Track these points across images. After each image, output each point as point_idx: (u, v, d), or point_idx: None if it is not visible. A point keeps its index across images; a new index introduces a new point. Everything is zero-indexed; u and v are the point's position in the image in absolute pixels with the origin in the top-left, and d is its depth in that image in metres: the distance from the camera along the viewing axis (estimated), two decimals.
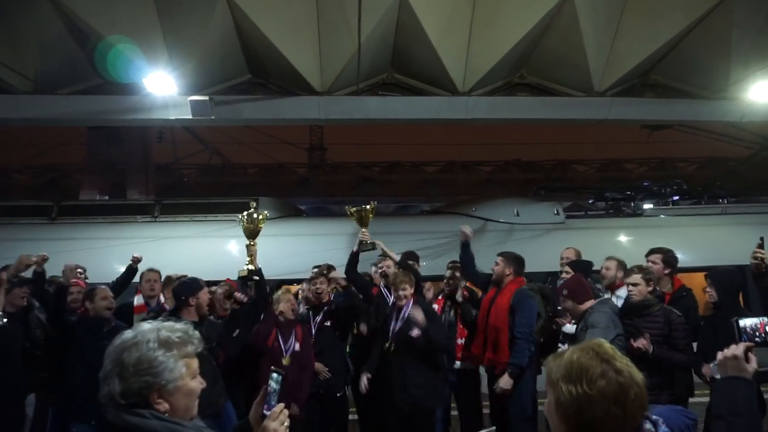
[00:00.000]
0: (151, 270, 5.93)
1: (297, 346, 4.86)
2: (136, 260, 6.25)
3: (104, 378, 1.68)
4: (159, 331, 1.72)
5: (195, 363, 1.77)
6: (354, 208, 5.70)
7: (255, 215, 5.36)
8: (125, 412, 1.64)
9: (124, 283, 5.95)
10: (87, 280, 6.51)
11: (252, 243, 5.29)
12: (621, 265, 5.29)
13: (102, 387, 1.68)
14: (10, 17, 7.21)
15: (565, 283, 4.68)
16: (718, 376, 1.91)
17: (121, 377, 1.65)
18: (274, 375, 1.89)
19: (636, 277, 4.40)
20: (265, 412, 1.85)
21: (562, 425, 1.54)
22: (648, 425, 1.53)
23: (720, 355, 1.90)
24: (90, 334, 4.55)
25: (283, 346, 4.78)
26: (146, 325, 1.76)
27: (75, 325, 4.82)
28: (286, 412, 1.81)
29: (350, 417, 5.67)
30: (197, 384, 1.77)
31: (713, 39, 7.87)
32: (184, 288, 4.42)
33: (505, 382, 4.67)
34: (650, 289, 4.38)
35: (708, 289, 4.49)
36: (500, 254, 5.23)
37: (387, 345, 4.77)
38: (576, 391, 1.49)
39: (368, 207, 5.66)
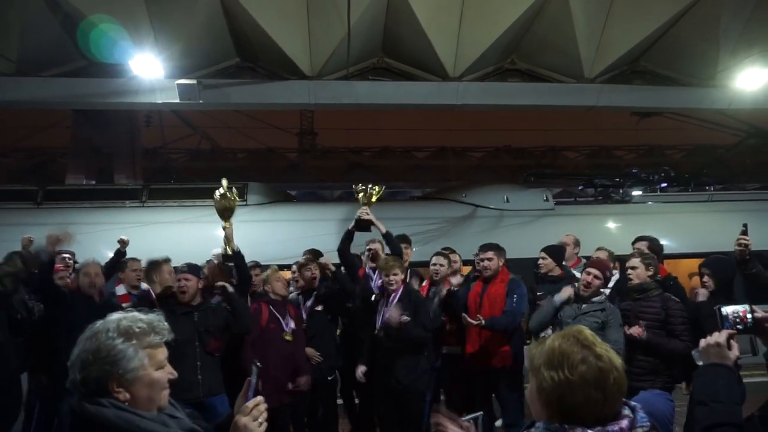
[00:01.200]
0: (134, 259, 5.83)
1: (292, 324, 4.90)
2: (124, 243, 6.22)
3: (70, 366, 1.69)
4: (120, 321, 1.72)
5: (160, 354, 1.75)
6: (361, 186, 5.48)
7: (227, 193, 5.08)
8: (85, 399, 1.65)
9: (112, 268, 5.91)
10: (77, 265, 6.48)
11: (227, 225, 5.03)
12: (611, 256, 5.37)
13: (69, 374, 1.70)
14: None
15: (598, 261, 4.58)
16: (700, 363, 1.94)
17: (82, 366, 1.67)
18: (253, 368, 1.87)
19: (635, 261, 4.40)
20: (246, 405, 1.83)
21: (544, 410, 1.56)
22: (626, 410, 1.56)
23: (702, 342, 1.93)
24: (81, 308, 4.59)
25: (283, 324, 4.82)
26: (113, 315, 1.76)
27: (68, 298, 4.82)
28: (261, 407, 1.76)
29: (338, 401, 5.71)
30: (162, 375, 1.74)
31: (702, 27, 7.90)
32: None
33: (476, 321, 4.67)
34: (650, 273, 4.36)
35: (704, 278, 4.50)
36: (490, 248, 5.08)
37: (376, 331, 4.78)
38: (558, 377, 1.52)
39: (376, 188, 5.47)
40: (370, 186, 5.48)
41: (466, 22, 7.64)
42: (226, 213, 5.05)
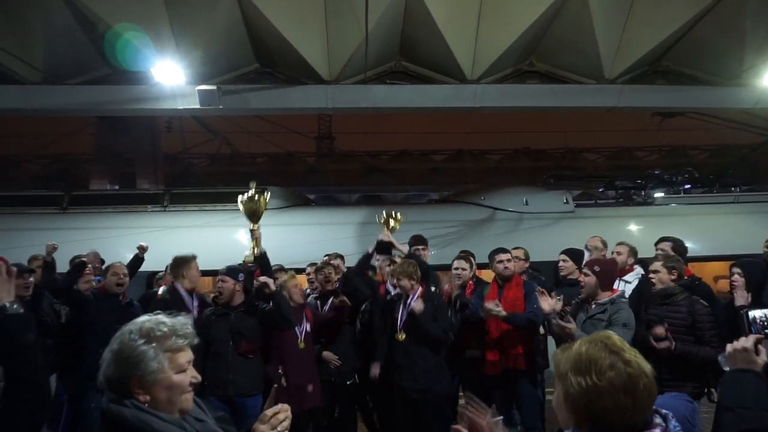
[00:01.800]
0: (116, 264, 5.80)
1: (308, 327, 4.93)
2: (143, 249, 6.31)
3: (101, 365, 1.74)
4: (144, 323, 1.75)
5: (181, 357, 1.75)
6: (384, 216, 5.47)
7: (256, 196, 5.17)
8: (110, 399, 1.69)
9: (130, 273, 6.00)
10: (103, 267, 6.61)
11: (255, 227, 5.12)
12: (632, 251, 5.26)
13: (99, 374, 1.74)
14: (18, 7, 7.23)
15: (600, 260, 4.50)
16: (727, 368, 1.90)
17: (107, 365, 1.71)
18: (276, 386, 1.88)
19: (657, 265, 4.23)
20: None
21: (572, 417, 1.53)
22: (658, 419, 1.52)
23: (729, 347, 1.88)
24: (104, 310, 4.81)
25: (297, 330, 4.83)
26: (140, 318, 1.79)
27: (92, 301, 5.01)
28: (281, 416, 1.76)
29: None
30: (182, 378, 1.74)
31: (726, 25, 7.74)
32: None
33: (499, 311, 4.59)
34: (673, 277, 4.18)
35: (734, 278, 4.38)
36: (508, 251, 5.08)
37: (397, 335, 4.76)
38: (585, 383, 1.49)
39: (398, 216, 5.49)
40: (394, 213, 5.50)
41: (484, 23, 7.60)
42: (254, 216, 5.11)
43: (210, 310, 4.64)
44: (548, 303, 4.09)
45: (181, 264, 4.91)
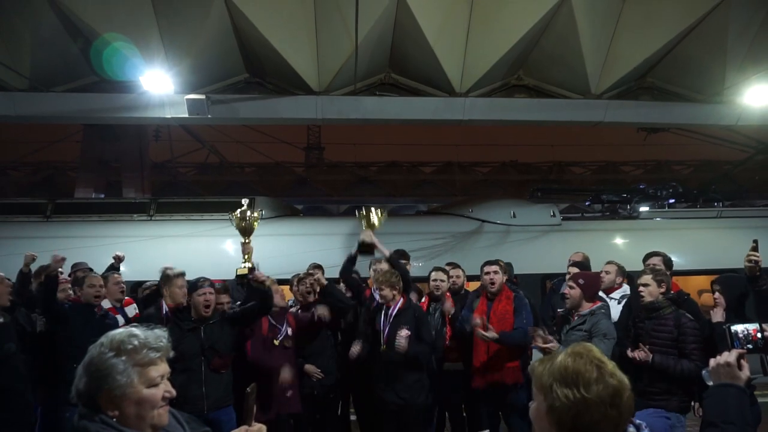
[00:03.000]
0: (115, 273, 5.94)
1: (290, 331, 4.94)
2: (119, 259, 6.23)
3: (74, 378, 1.71)
4: (115, 336, 1.71)
5: (152, 371, 1.70)
6: (364, 211, 5.38)
7: (248, 212, 5.17)
8: (81, 413, 1.66)
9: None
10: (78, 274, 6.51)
11: (247, 241, 5.12)
12: (621, 270, 5.32)
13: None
14: (6, 14, 7.18)
15: (584, 273, 4.53)
16: (710, 383, 1.91)
17: (79, 378, 1.68)
18: (248, 390, 1.86)
19: (646, 278, 4.24)
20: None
21: (554, 429, 1.53)
22: (631, 428, 1.54)
23: (713, 362, 1.89)
24: (80, 321, 4.76)
25: (280, 329, 4.90)
26: (114, 330, 1.76)
27: (68, 312, 4.93)
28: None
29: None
30: (153, 393, 1.69)
31: (709, 43, 7.90)
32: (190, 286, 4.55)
33: (490, 335, 4.61)
34: (662, 290, 4.20)
35: (716, 296, 4.43)
36: (495, 263, 5.05)
37: (381, 347, 4.75)
38: (573, 396, 1.49)
39: (379, 212, 5.39)
40: (373, 209, 5.41)
41: (473, 38, 7.69)
42: (246, 232, 5.11)
43: (176, 323, 4.40)
44: (543, 339, 4.05)
45: (164, 282, 4.90)
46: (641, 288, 4.24)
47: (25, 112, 8.05)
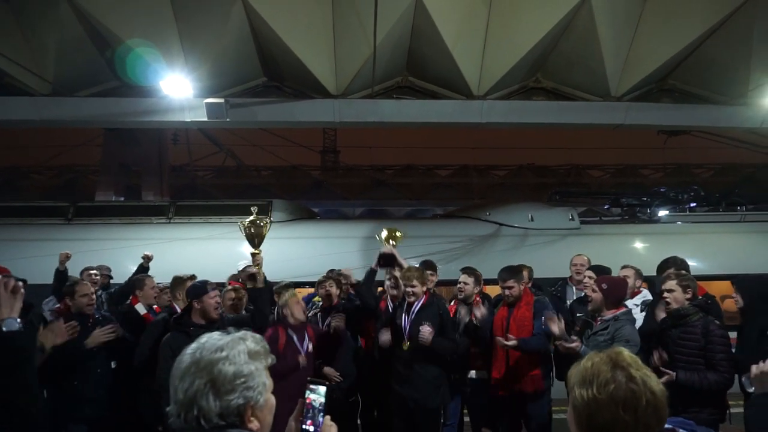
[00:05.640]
0: (149, 276, 5.71)
1: (310, 347, 4.84)
2: (147, 258, 6.28)
3: (190, 398, 1.46)
4: (244, 342, 1.55)
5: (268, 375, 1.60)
6: (384, 233, 5.47)
7: (258, 221, 4.97)
8: None
9: (134, 285, 5.94)
10: (112, 280, 6.59)
11: (257, 252, 4.94)
12: (638, 273, 5.22)
13: (185, 409, 1.46)
14: (30, 20, 7.32)
15: (608, 278, 4.41)
16: (751, 390, 1.82)
17: (216, 395, 1.46)
18: (314, 387, 1.75)
19: (671, 284, 4.06)
20: (306, 427, 1.72)
21: (576, 430, 1.52)
22: None
23: (755, 369, 1.80)
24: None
25: (300, 346, 4.73)
26: (220, 336, 1.57)
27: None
28: (334, 428, 1.68)
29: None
30: (273, 398, 1.60)
31: (733, 44, 7.76)
32: (191, 291, 4.42)
33: (510, 343, 4.55)
34: (688, 296, 4.01)
35: (734, 295, 4.31)
36: (509, 277, 4.91)
37: (404, 344, 4.71)
38: (587, 395, 1.47)
39: (398, 233, 5.49)
40: (393, 233, 5.49)
41: (491, 40, 7.65)
42: (255, 240, 5.03)
43: (181, 329, 4.30)
44: (558, 327, 4.03)
45: (176, 284, 5.00)
46: (666, 294, 4.08)
47: (49, 116, 8.20)
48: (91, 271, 5.94)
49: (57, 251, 6.25)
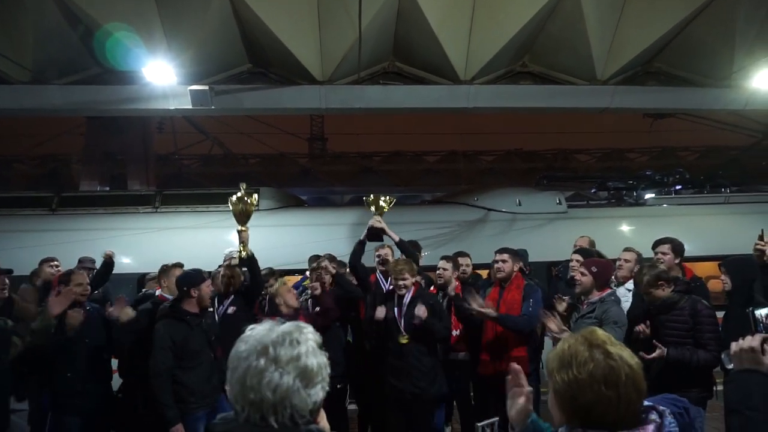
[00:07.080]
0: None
1: None
2: (108, 256, 5.97)
3: (282, 396, 1.37)
4: (306, 332, 1.48)
5: None
6: (372, 197, 5.47)
7: (245, 197, 5.11)
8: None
9: (101, 280, 5.86)
10: (95, 271, 6.49)
11: (243, 228, 5.03)
12: (640, 258, 5.15)
13: (273, 409, 1.38)
14: (7, 6, 7.14)
15: (597, 261, 4.44)
16: (730, 367, 1.86)
17: (306, 389, 1.40)
18: None
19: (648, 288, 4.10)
20: None
21: (561, 414, 1.53)
22: (653, 415, 1.50)
23: (734, 346, 1.83)
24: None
25: None
26: (271, 328, 1.47)
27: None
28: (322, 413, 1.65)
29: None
30: None
31: (717, 26, 7.79)
32: (186, 279, 4.40)
33: (488, 311, 4.64)
34: (669, 288, 4.06)
35: (722, 277, 4.37)
36: (505, 251, 5.02)
37: (400, 337, 4.73)
38: (567, 377, 1.48)
39: (387, 198, 5.47)
40: (381, 197, 5.46)
41: (477, 24, 7.61)
42: (242, 217, 5.05)
43: (179, 317, 4.30)
44: (555, 324, 4.02)
45: (162, 273, 5.00)
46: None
47: (29, 104, 8.04)
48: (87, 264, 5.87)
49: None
